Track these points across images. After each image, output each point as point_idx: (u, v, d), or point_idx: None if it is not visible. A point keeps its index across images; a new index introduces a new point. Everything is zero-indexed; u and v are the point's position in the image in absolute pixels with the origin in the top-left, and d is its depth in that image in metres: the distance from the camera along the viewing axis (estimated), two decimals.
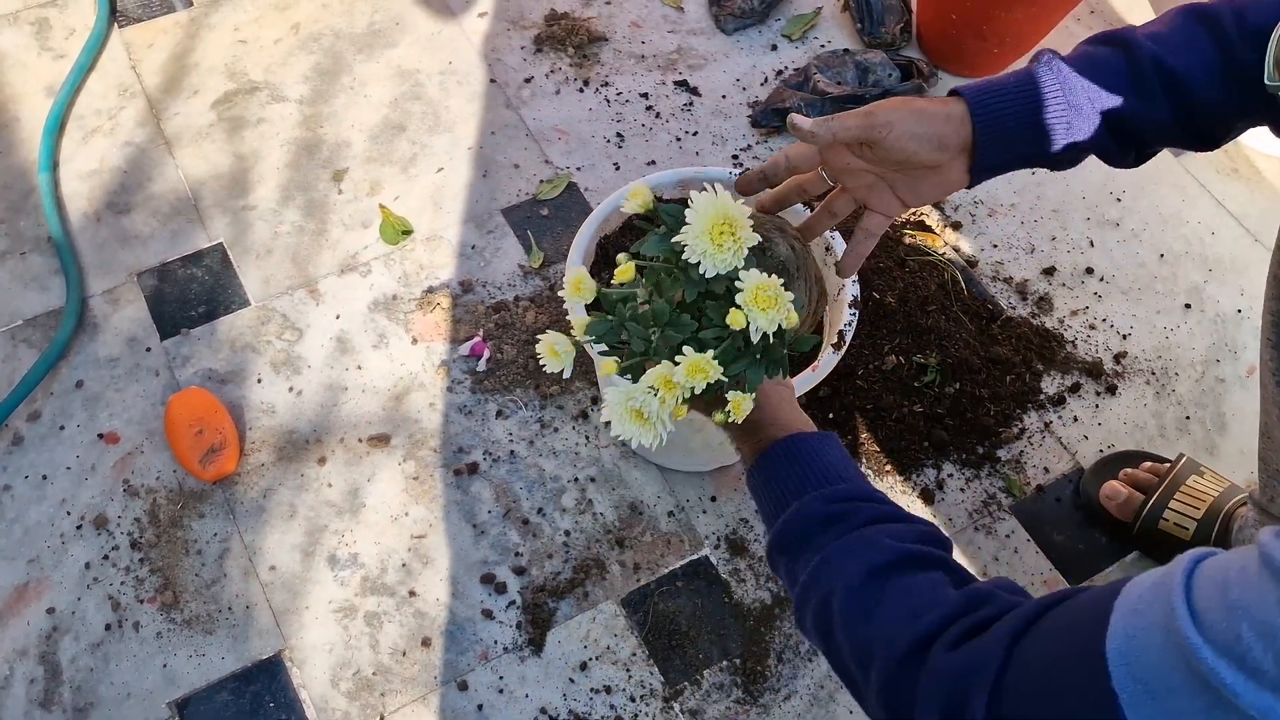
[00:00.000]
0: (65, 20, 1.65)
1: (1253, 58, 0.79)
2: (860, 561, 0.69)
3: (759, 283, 0.75)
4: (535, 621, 1.17)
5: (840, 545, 0.71)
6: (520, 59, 1.65)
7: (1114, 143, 0.85)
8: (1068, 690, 0.53)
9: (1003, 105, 0.84)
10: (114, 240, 1.42)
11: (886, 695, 0.63)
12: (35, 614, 1.16)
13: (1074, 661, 0.54)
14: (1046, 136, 0.83)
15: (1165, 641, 0.49)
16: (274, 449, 1.27)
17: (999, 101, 0.84)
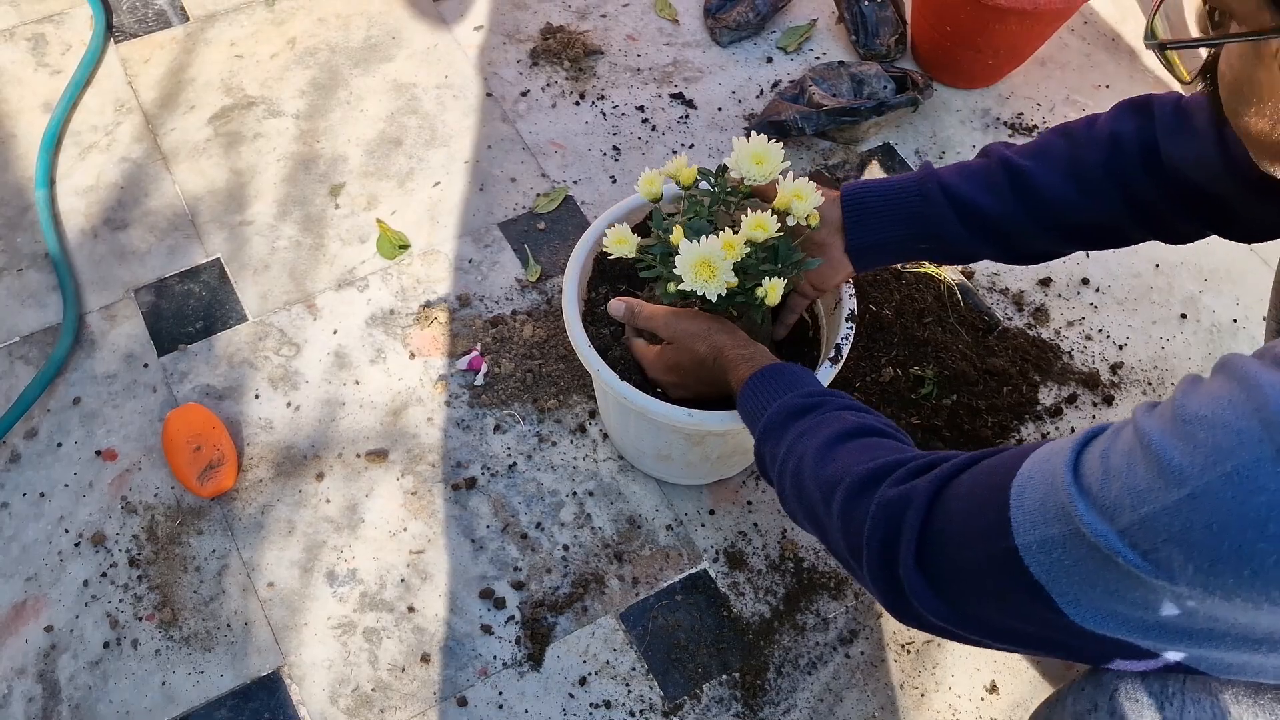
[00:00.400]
0: (62, 36, 1.65)
1: (1098, 157, 0.93)
2: (829, 430, 0.81)
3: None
4: (534, 636, 1.17)
5: (812, 422, 0.83)
6: (516, 73, 1.66)
7: (979, 237, 0.99)
8: (978, 511, 0.65)
9: (867, 189, 1.02)
10: (111, 256, 1.43)
11: (843, 521, 0.74)
12: (33, 632, 1.15)
13: (986, 490, 0.65)
14: (903, 219, 1.00)
15: (1049, 483, 0.60)
16: (272, 465, 1.27)
17: (865, 187, 1.02)
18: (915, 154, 1.60)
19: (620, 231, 1.02)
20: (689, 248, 0.96)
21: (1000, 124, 1.65)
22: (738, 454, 1.20)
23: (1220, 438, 0.52)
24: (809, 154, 1.59)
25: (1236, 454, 0.51)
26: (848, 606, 1.21)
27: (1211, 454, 0.52)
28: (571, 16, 1.73)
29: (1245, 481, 0.51)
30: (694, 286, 0.95)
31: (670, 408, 1.03)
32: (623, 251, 1.01)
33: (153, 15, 1.69)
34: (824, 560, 1.23)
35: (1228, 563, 0.52)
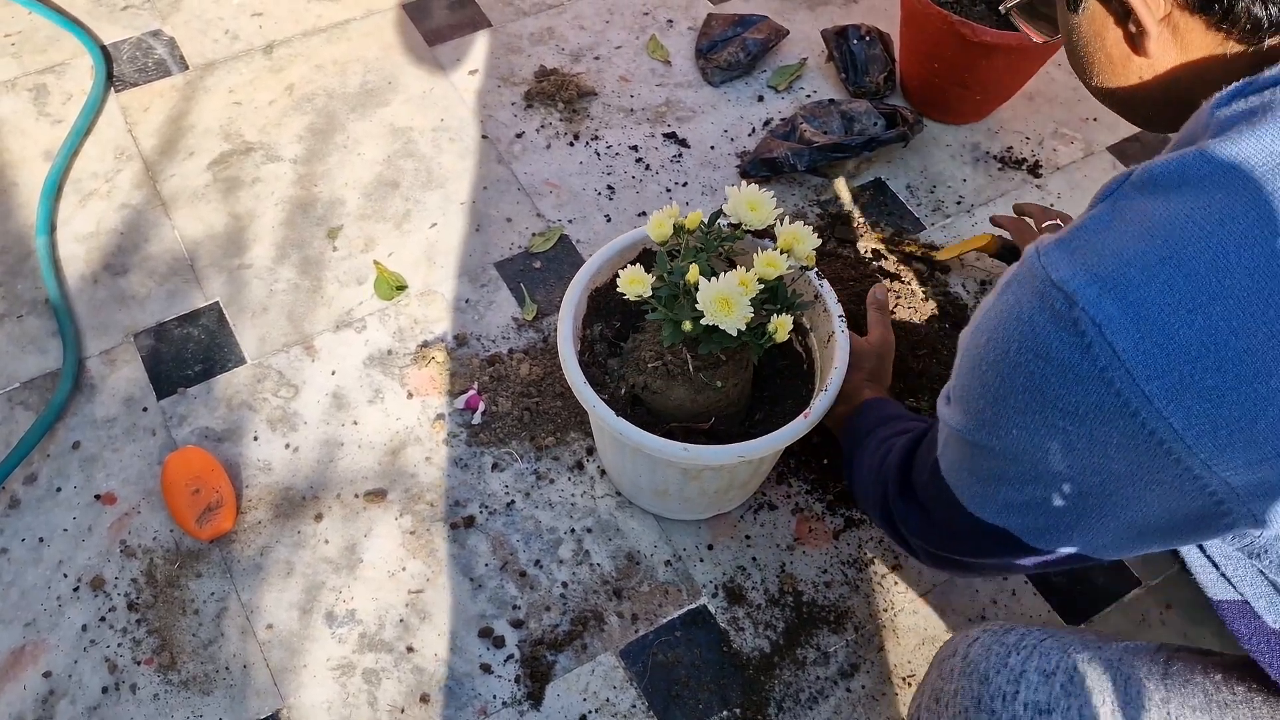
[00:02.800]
0: (63, 86, 1.68)
1: None
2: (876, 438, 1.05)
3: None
4: (534, 675, 1.17)
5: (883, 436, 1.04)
6: (511, 115, 1.68)
7: None
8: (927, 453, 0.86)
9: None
10: (111, 301, 1.44)
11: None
12: (32, 678, 1.15)
13: (929, 442, 0.87)
14: None
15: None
16: (271, 506, 1.27)
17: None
18: (906, 189, 1.62)
19: (634, 272, 1.05)
20: (708, 285, 0.99)
21: (990, 158, 1.67)
22: (734, 488, 1.21)
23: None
24: (801, 190, 1.60)
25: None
26: (848, 640, 1.20)
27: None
28: (565, 59, 1.76)
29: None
30: (715, 321, 0.98)
31: (665, 442, 1.04)
32: (637, 292, 1.04)
33: (153, 64, 1.71)
34: (824, 594, 1.23)
35: (988, 402, 0.69)
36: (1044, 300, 0.61)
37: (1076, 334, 0.60)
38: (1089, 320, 0.59)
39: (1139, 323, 0.58)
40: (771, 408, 1.17)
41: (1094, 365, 0.60)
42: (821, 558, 1.26)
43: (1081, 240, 0.62)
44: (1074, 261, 0.61)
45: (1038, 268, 0.62)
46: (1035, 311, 0.62)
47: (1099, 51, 0.73)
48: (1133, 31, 0.68)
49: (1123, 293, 0.59)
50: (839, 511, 1.29)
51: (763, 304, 1.04)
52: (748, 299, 0.99)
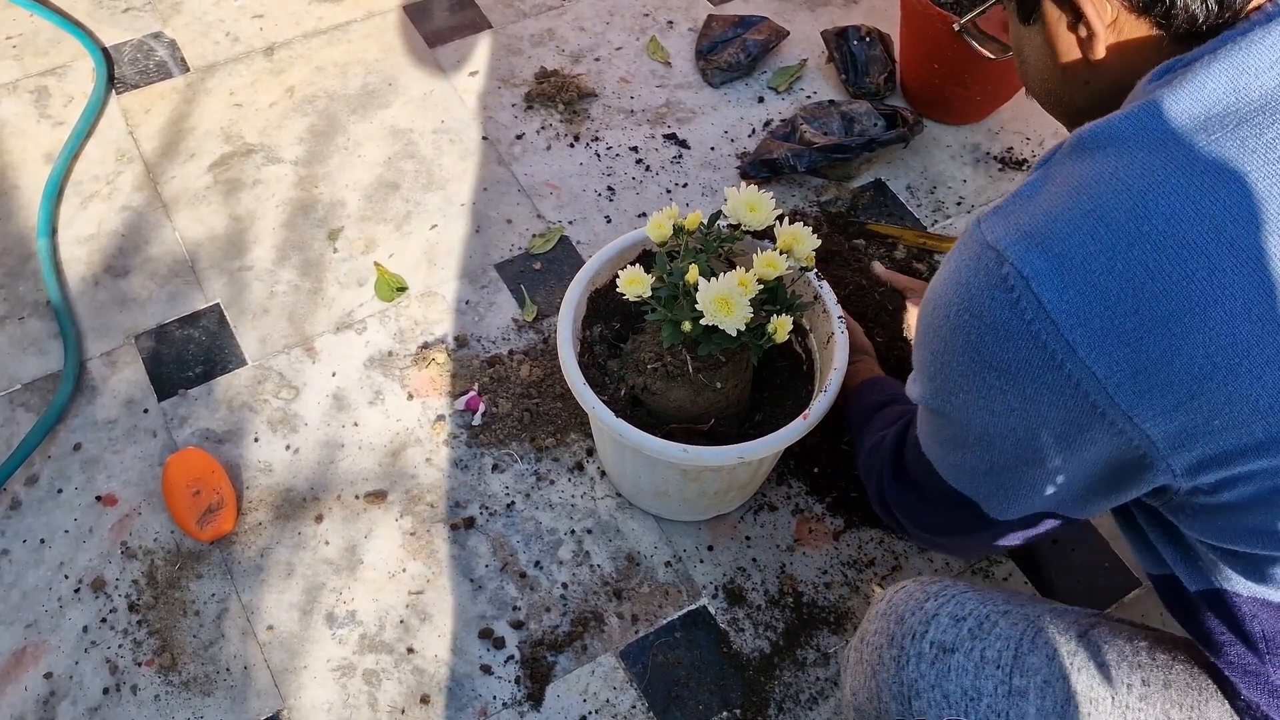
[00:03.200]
0: (64, 88, 1.68)
1: None
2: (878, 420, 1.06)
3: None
4: (534, 676, 1.17)
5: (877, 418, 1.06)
6: (511, 116, 1.68)
7: None
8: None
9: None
10: (112, 303, 1.44)
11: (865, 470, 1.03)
12: (33, 679, 1.15)
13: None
14: None
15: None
16: (271, 508, 1.28)
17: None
18: (906, 189, 1.62)
19: (634, 273, 1.05)
20: (708, 286, 1.00)
21: (990, 159, 1.67)
22: (734, 489, 1.21)
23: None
24: (801, 191, 1.60)
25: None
26: (848, 641, 1.20)
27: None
28: (565, 60, 1.76)
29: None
30: (715, 321, 0.98)
31: (665, 443, 1.04)
32: (637, 292, 1.04)
33: (154, 66, 1.72)
34: (824, 595, 1.23)
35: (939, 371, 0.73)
36: (979, 261, 0.65)
37: (1006, 289, 0.63)
38: (1017, 274, 0.62)
39: (1062, 272, 0.61)
40: (771, 409, 1.17)
41: (1021, 319, 0.62)
42: (821, 559, 1.26)
43: (1016, 204, 0.66)
44: (1007, 223, 0.64)
45: (976, 233, 0.66)
46: (972, 273, 0.65)
47: (1050, 59, 0.76)
48: (1083, 36, 0.71)
49: (1048, 245, 0.62)
50: (839, 512, 1.29)
51: (762, 304, 1.05)
52: (747, 299, 1.00)
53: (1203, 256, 0.59)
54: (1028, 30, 0.77)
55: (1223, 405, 0.61)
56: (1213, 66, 0.63)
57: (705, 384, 1.09)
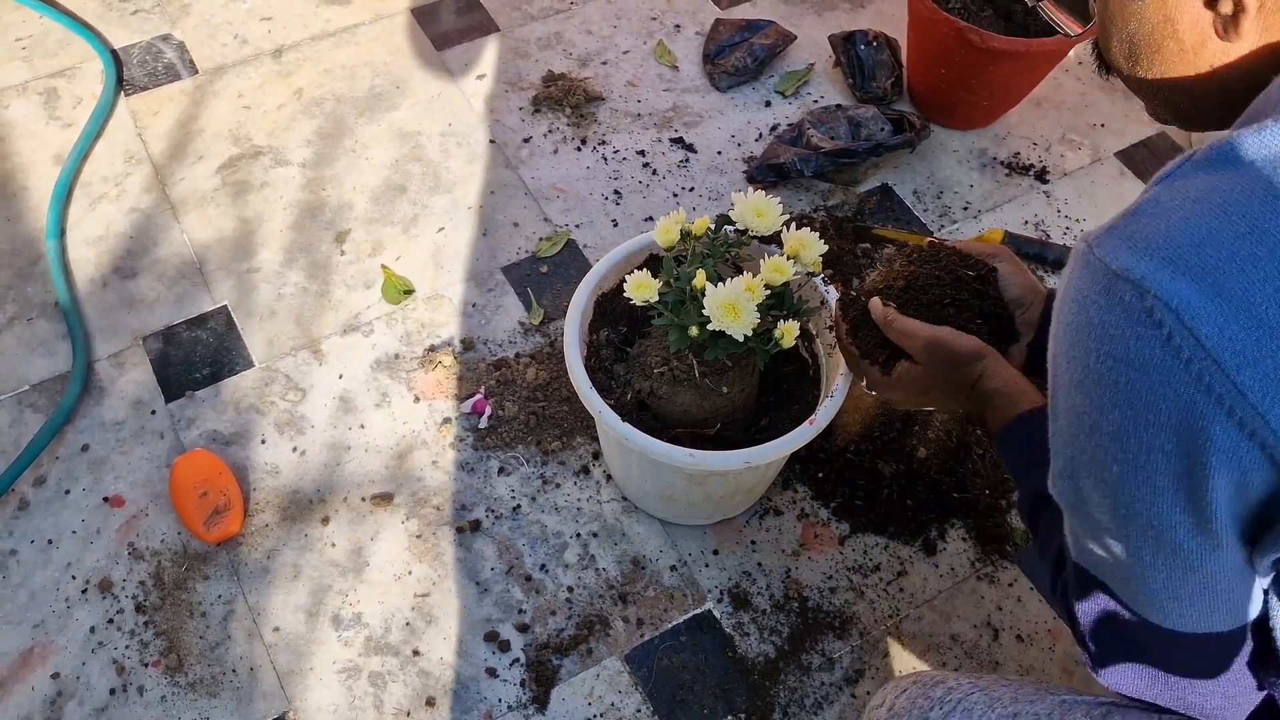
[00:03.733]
0: (73, 90, 1.68)
1: None
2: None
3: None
4: (539, 679, 1.17)
5: (1049, 525, 0.80)
6: (519, 119, 1.68)
7: None
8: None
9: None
10: (120, 305, 1.44)
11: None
12: (40, 679, 1.16)
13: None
14: None
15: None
16: (278, 509, 1.28)
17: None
18: (913, 194, 1.62)
19: (641, 277, 1.05)
20: (714, 290, 1.00)
21: (997, 164, 1.67)
22: (740, 493, 1.21)
23: None
24: (808, 195, 1.60)
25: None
26: (853, 646, 1.20)
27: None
28: (572, 64, 1.76)
29: None
30: (722, 326, 0.98)
31: (670, 448, 1.04)
32: (644, 297, 1.04)
33: (162, 68, 1.72)
34: (829, 600, 1.23)
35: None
36: (1110, 295, 0.54)
37: (1153, 325, 0.53)
38: (1164, 307, 0.52)
39: (1221, 304, 0.52)
40: (777, 413, 1.18)
41: (1178, 358, 0.52)
42: (827, 563, 1.26)
43: (1139, 223, 0.55)
44: (1134, 246, 0.54)
45: (1094, 260, 0.56)
46: (1103, 310, 0.55)
47: (1168, 38, 0.64)
48: (1225, 13, 0.61)
49: (1199, 274, 0.52)
50: (844, 517, 1.29)
51: (769, 309, 1.05)
52: (754, 304, 1.00)
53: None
54: (1138, 4, 0.65)
55: None
56: None
57: (711, 389, 1.09)
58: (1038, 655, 1.21)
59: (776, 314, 1.06)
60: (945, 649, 1.21)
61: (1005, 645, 1.21)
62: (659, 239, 1.09)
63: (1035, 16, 1.56)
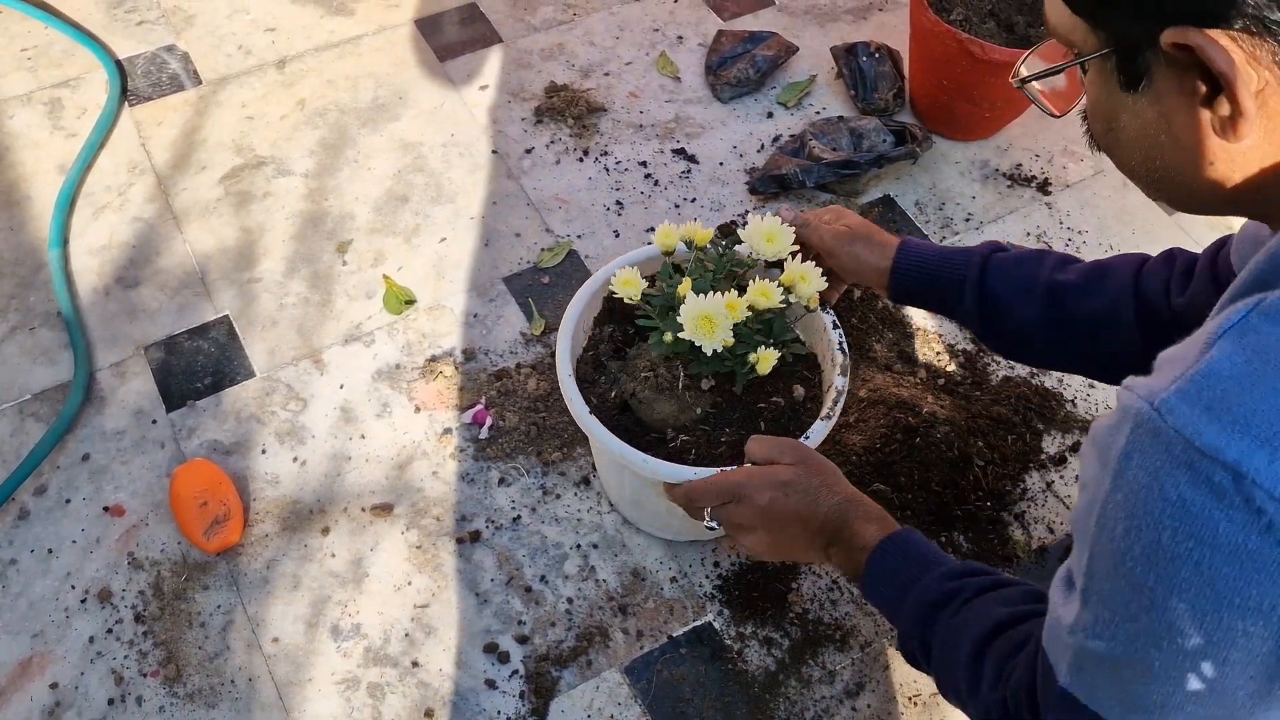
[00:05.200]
0: (77, 100, 1.69)
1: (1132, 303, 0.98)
2: (966, 637, 0.80)
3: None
4: (538, 691, 1.16)
5: (954, 623, 0.82)
6: (521, 130, 1.69)
7: (982, 317, 1.05)
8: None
9: (923, 260, 1.07)
10: (122, 314, 1.45)
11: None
12: (39, 689, 1.15)
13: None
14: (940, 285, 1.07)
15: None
16: (278, 519, 1.28)
17: (921, 258, 1.07)
18: (915, 205, 1.62)
19: (630, 274, 1.05)
20: (694, 300, 0.99)
21: (999, 175, 1.67)
22: None
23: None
24: (810, 207, 1.60)
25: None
26: (854, 659, 1.20)
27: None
28: (575, 75, 1.77)
29: None
30: (693, 338, 0.97)
31: (627, 450, 1.04)
32: (628, 294, 1.04)
33: (166, 79, 1.73)
34: (829, 612, 1.23)
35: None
36: (1196, 474, 0.51)
37: (1252, 513, 0.49)
38: (1266, 496, 0.49)
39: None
40: (774, 424, 1.17)
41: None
42: (827, 575, 1.26)
43: (1217, 390, 0.51)
44: (1218, 420, 0.50)
45: (1165, 430, 0.52)
46: (1186, 488, 0.51)
47: (1162, 135, 0.62)
48: (1223, 115, 0.57)
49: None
50: None
51: (755, 333, 1.04)
52: (731, 322, 0.99)
53: None
54: (1130, 98, 0.62)
55: None
56: None
57: (691, 403, 1.09)
58: None
59: (762, 339, 1.05)
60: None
61: None
62: (658, 242, 1.09)
63: (1037, 27, 1.57)
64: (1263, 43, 0.54)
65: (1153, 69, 0.60)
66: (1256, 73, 0.55)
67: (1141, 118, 0.63)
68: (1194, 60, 0.56)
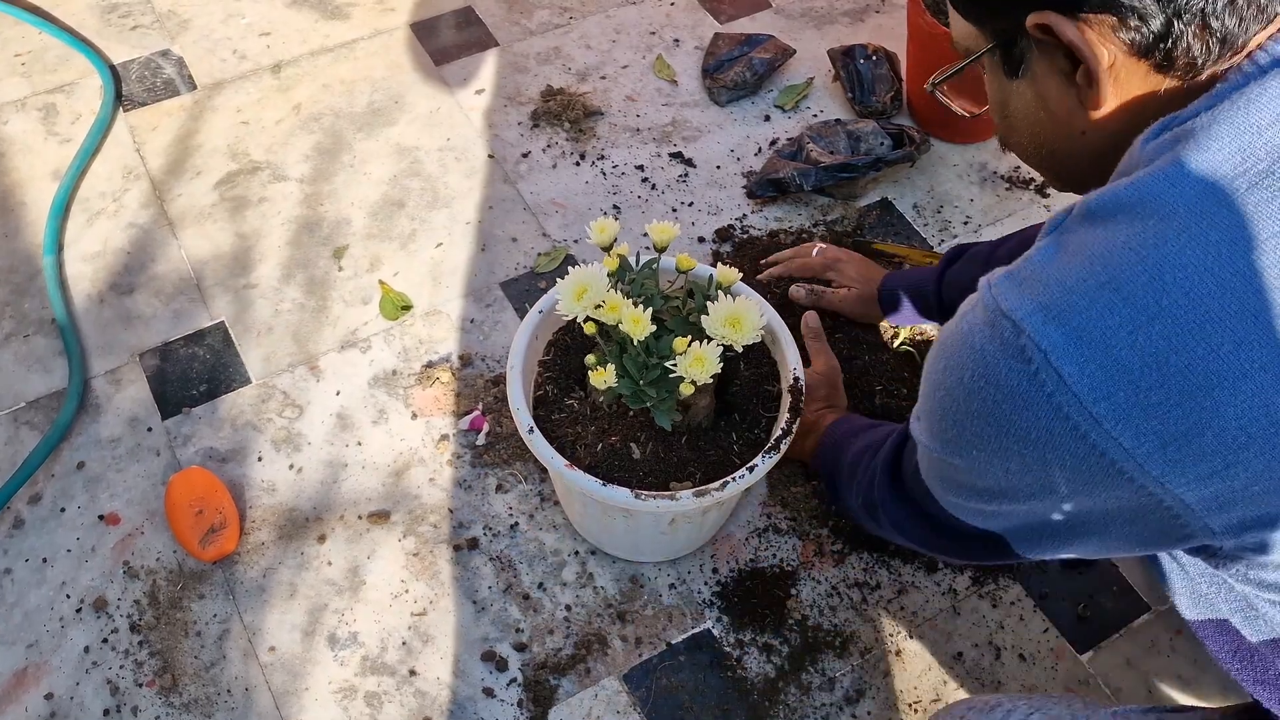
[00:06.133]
0: (71, 105, 1.68)
1: None
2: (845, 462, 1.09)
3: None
4: (537, 699, 1.16)
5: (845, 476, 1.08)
6: (517, 134, 1.68)
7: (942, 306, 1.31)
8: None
9: (896, 291, 1.36)
10: (117, 321, 1.44)
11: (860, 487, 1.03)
12: (34, 700, 1.15)
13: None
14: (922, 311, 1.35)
15: None
16: (274, 527, 1.27)
17: (895, 290, 1.37)
18: (913, 208, 1.61)
19: (578, 283, 1.01)
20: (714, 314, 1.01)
21: (997, 177, 1.66)
22: (704, 529, 1.20)
23: None
24: (807, 210, 1.60)
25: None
26: (853, 665, 1.19)
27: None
28: (571, 79, 1.76)
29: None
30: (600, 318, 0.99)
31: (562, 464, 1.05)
32: (573, 310, 1.01)
33: (161, 84, 1.72)
34: (829, 618, 1.22)
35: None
36: (994, 329, 0.64)
37: (1024, 360, 0.62)
38: (1035, 347, 0.62)
39: (1082, 347, 0.61)
40: (741, 412, 1.16)
41: (1041, 391, 0.62)
42: (827, 581, 1.25)
43: (1029, 271, 0.65)
44: (1021, 291, 0.64)
45: (989, 298, 0.65)
46: (986, 340, 0.65)
47: (1041, 112, 0.74)
48: (1081, 84, 0.69)
49: (1066, 319, 0.61)
50: (843, 536, 1.28)
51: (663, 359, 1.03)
52: (716, 352, 0.99)
53: (1227, 330, 0.59)
54: (1014, 84, 0.75)
55: (1262, 472, 0.61)
56: (1214, 129, 0.62)
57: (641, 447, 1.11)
58: (1040, 674, 1.20)
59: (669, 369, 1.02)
60: (947, 668, 1.20)
61: (1007, 664, 1.20)
62: (595, 235, 1.07)
63: None
64: (1107, 18, 0.65)
65: (1027, 55, 0.72)
66: (1107, 49, 0.66)
67: (1024, 100, 0.75)
68: (1058, 42, 0.67)
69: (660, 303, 1.06)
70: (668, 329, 1.05)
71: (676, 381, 0.99)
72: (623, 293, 1.02)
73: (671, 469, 1.10)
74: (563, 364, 1.19)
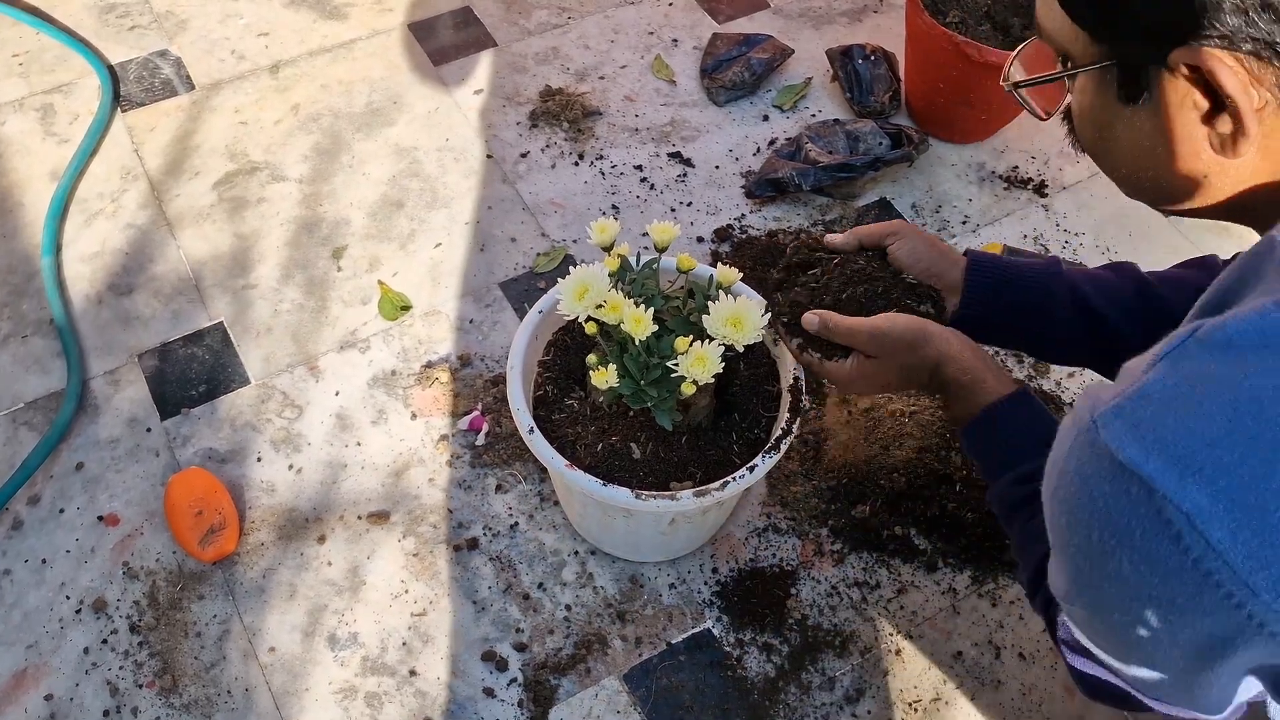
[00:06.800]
0: (69, 106, 1.68)
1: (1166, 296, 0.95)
2: (1029, 555, 0.85)
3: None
4: (537, 699, 1.16)
5: (1027, 528, 0.85)
6: (516, 134, 1.68)
7: (1082, 329, 0.98)
8: None
9: (998, 267, 0.99)
10: (115, 322, 1.44)
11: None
12: (33, 701, 1.15)
13: None
14: (1021, 288, 0.99)
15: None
16: (274, 528, 1.27)
17: (996, 265, 0.99)
18: (911, 208, 1.61)
19: (580, 283, 1.01)
20: (720, 308, 0.99)
21: (995, 177, 1.66)
22: (704, 528, 1.20)
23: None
24: (806, 210, 1.60)
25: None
26: (853, 665, 1.19)
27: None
28: (570, 79, 1.76)
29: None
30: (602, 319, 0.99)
31: (564, 466, 1.04)
32: (575, 309, 1.01)
33: (159, 84, 1.72)
34: (829, 618, 1.22)
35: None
36: (1116, 484, 0.55)
37: (1162, 523, 0.54)
38: (1175, 509, 0.53)
39: (1234, 512, 0.52)
40: (741, 411, 1.16)
41: (1187, 557, 0.54)
42: (827, 581, 1.25)
43: (1145, 411, 0.55)
44: (1141, 438, 0.54)
45: (1099, 441, 0.56)
46: (1110, 497, 0.56)
47: (1159, 147, 0.64)
48: (1223, 131, 0.60)
49: (1210, 479, 0.53)
50: (843, 536, 1.28)
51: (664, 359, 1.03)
52: (718, 349, 0.99)
53: None
54: (1128, 110, 0.65)
55: None
56: None
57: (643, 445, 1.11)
58: (1040, 674, 1.20)
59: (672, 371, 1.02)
60: (947, 667, 1.20)
61: (1007, 664, 1.20)
62: (595, 235, 1.06)
63: (1033, 30, 1.56)
64: (1267, 65, 0.57)
65: (1155, 85, 0.62)
66: (1258, 93, 0.58)
67: (1138, 130, 0.65)
68: (1199, 78, 0.59)
69: (661, 303, 1.06)
70: (668, 329, 1.05)
71: (677, 381, 0.99)
72: (623, 293, 1.03)
73: (671, 469, 1.10)
74: (563, 364, 1.19)
